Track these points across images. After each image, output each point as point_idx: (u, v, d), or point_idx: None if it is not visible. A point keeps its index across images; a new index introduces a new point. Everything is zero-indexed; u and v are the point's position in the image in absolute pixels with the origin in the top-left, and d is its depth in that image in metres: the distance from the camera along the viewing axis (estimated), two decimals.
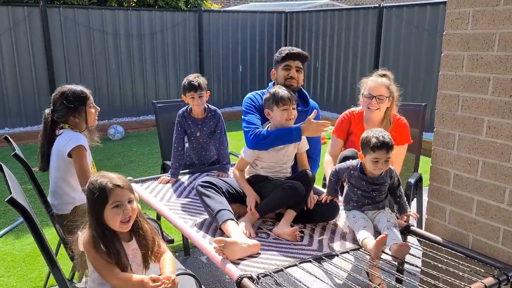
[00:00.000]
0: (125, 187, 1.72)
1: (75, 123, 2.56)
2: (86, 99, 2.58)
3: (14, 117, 6.91)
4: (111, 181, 1.69)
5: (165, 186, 2.90)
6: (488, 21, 1.91)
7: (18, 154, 2.32)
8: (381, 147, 2.07)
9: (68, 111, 2.52)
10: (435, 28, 6.44)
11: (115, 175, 1.75)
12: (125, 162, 5.66)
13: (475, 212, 2.07)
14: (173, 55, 8.09)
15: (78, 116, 2.55)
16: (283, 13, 9.15)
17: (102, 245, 1.67)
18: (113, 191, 1.67)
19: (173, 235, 3.29)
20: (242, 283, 1.73)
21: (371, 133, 2.14)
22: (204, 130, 3.14)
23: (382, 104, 2.71)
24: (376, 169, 2.13)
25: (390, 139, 2.11)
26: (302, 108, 2.69)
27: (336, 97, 8.24)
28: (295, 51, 2.64)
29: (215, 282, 2.95)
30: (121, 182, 1.71)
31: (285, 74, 2.63)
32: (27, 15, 6.74)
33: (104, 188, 1.67)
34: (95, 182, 1.69)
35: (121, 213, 1.69)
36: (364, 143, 2.15)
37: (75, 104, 2.53)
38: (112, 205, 1.68)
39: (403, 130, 2.77)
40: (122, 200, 1.69)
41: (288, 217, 2.25)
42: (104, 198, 1.67)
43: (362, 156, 2.17)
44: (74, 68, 7.25)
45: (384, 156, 2.09)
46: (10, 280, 2.94)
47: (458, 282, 1.78)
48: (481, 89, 1.98)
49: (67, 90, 2.53)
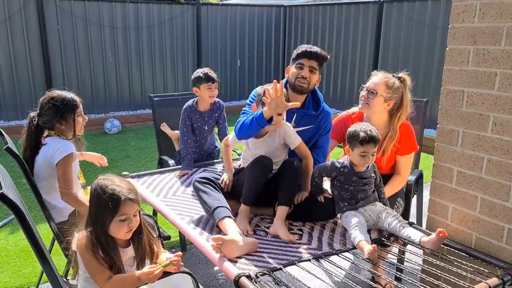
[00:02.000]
0: (136, 200, 1.67)
1: (61, 130, 2.45)
2: (76, 107, 2.46)
3: (9, 110, 6.83)
4: (124, 193, 1.63)
5: (161, 181, 2.85)
6: (495, 14, 1.86)
7: (11, 147, 2.26)
8: (369, 141, 2.10)
9: (55, 117, 2.41)
10: (435, 23, 6.38)
11: (125, 182, 1.70)
12: (122, 157, 5.60)
13: (478, 211, 2.02)
14: (171, 49, 8.01)
15: (65, 124, 2.44)
16: (282, 6, 9.07)
17: (100, 251, 1.63)
18: (125, 204, 1.62)
19: (169, 231, 3.25)
20: (240, 282, 1.68)
21: (358, 127, 2.15)
22: (210, 123, 3.25)
23: (373, 100, 2.46)
24: (364, 163, 2.14)
25: (377, 133, 2.14)
26: (311, 112, 2.55)
27: (335, 92, 8.19)
28: (312, 50, 2.47)
29: (212, 279, 2.91)
30: (133, 195, 1.66)
31: (296, 73, 2.47)
32: (22, 6, 6.64)
33: (117, 199, 1.61)
34: (106, 188, 1.62)
35: (125, 226, 1.65)
36: (351, 136, 2.15)
37: (64, 110, 2.42)
38: (119, 217, 1.63)
39: (409, 137, 2.58)
40: (130, 214, 1.65)
41: (280, 214, 2.16)
42: (114, 210, 1.62)
43: (349, 149, 2.17)
44: (70, 61, 7.16)
45: (371, 150, 2.12)
46: (3, 276, 2.89)
47: (461, 282, 1.74)
48: (487, 84, 1.93)
49: (56, 96, 2.42)
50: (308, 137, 2.54)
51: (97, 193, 1.64)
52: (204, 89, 3.12)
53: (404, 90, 2.53)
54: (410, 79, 2.58)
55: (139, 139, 6.53)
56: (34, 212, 3.62)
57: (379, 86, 2.48)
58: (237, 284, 1.69)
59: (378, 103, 2.49)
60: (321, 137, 2.58)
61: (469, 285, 1.68)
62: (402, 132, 2.57)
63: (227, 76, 8.76)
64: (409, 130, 2.61)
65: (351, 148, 2.16)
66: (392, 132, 2.53)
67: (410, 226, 2.06)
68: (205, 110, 3.22)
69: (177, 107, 3.62)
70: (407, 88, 2.54)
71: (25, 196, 3.74)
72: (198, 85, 3.13)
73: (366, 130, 2.12)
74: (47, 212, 2.33)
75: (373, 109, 2.52)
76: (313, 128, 2.55)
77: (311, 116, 2.54)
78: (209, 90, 3.12)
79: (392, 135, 2.53)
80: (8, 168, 2.21)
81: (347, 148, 2.19)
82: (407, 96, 2.54)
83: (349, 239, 2.10)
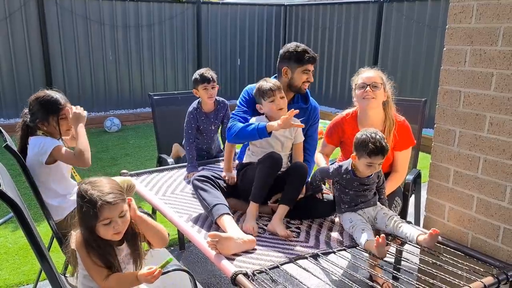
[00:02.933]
0: (116, 202, 1.59)
1: (45, 132, 2.43)
2: (59, 109, 2.42)
3: (9, 108, 6.84)
4: (101, 197, 1.57)
5: (160, 179, 2.86)
6: (492, 15, 1.87)
7: (10, 145, 2.27)
8: (377, 153, 2.04)
9: (37, 117, 2.39)
10: (435, 23, 6.38)
11: (107, 183, 1.64)
12: (121, 155, 5.61)
13: (475, 210, 2.03)
14: (171, 47, 8.01)
15: (47, 125, 2.42)
16: (282, 6, 9.07)
17: (94, 250, 1.62)
18: (103, 209, 1.57)
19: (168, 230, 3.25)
20: (237, 279, 1.70)
21: (368, 136, 2.07)
22: (216, 123, 3.25)
23: (377, 92, 2.52)
24: (369, 172, 2.11)
25: (386, 143, 2.08)
26: (302, 106, 2.63)
27: (335, 92, 8.19)
28: (313, 54, 2.56)
29: (210, 277, 2.92)
30: (111, 197, 1.59)
31: (304, 78, 2.57)
32: (23, 4, 6.64)
33: (94, 204, 1.56)
34: (85, 193, 1.59)
35: (111, 229, 1.60)
36: (360, 145, 2.08)
37: (46, 112, 2.40)
38: (102, 222, 1.59)
39: (406, 132, 2.62)
40: (112, 217, 1.59)
41: (280, 213, 2.19)
42: (94, 215, 1.57)
43: (355, 157, 2.11)
44: (70, 59, 7.17)
45: (379, 161, 2.08)
46: (2, 273, 2.90)
47: (457, 281, 1.75)
48: (483, 84, 1.94)
49: (43, 95, 2.41)
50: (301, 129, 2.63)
51: (78, 198, 1.62)
52: (201, 90, 3.11)
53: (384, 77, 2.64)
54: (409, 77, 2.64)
55: (139, 137, 6.54)
56: (34, 210, 3.63)
57: (377, 79, 2.56)
58: (234, 282, 1.71)
59: (381, 94, 2.56)
60: (310, 127, 2.67)
61: (465, 284, 1.69)
62: (399, 128, 2.59)
63: (227, 75, 8.77)
64: (405, 126, 2.64)
65: (358, 157, 2.10)
66: (389, 121, 2.58)
67: (407, 224, 2.06)
68: (210, 111, 3.20)
69: (176, 105, 3.63)
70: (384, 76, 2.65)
71: (24, 194, 3.75)
72: (196, 86, 3.12)
73: (375, 141, 2.04)
74: (46, 210, 2.35)
75: (379, 101, 2.57)
76: (304, 120, 2.62)
77: (302, 109, 2.60)
78: (205, 91, 3.10)
79: (389, 124, 2.57)
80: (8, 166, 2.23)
81: (353, 155, 2.13)
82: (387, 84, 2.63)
83: (346, 238, 2.11)
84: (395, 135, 2.57)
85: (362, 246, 1.97)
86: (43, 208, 2.33)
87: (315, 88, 8.42)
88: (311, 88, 8.44)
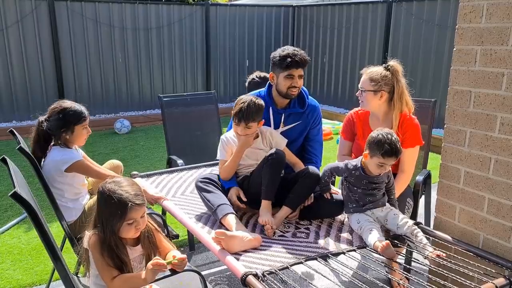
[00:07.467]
0: (142, 204, 1.71)
1: (65, 139, 2.52)
2: (83, 120, 2.55)
3: (21, 110, 6.93)
4: (130, 199, 1.66)
5: (170, 181, 2.88)
6: (503, 14, 1.86)
7: (23, 147, 2.30)
8: (391, 155, 2.04)
9: (62, 126, 2.48)
10: (445, 22, 6.33)
11: (131, 184, 1.73)
12: (131, 156, 5.66)
13: (486, 211, 2.02)
14: (180, 49, 8.05)
15: (70, 134, 2.51)
16: (290, 7, 9.07)
17: (109, 253, 1.67)
18: (132, 210, 1.66)
19: (178, 230, 3.28)
20: (247, 280, 1.71)
21: (383, 136, 2.05)
22: None
23: (364, 97, 2.51)
24: (379, 172, 2.11)
25: (400, 146, 2.08)
26: (299, 110, 2.60)
27: (344, 92, 8.17)
28: (298, 58, 2.42)
29: (220, 277, 2.94)
30: (140, 199, 1.70)
31: (288, 84, 2.46)
32: (34, 8, 6.73)
33: (124, 204, 1.65)
34: (114, 194, 1.66)
35: (133, 228, 1.70)
36: (374, 144, 2.06)
37: (71, 121, 2.50)
38: (127, 221, 1.68)
39: (414, 131, 2.56)
40: (137, 218, 1.69)
41: (282, 213, 2.21)
42: (122, 215, 1.65)
43: (367, 155, 2.10)
44: (81, 62, 7.25)
45: (391, 162, 2.08)
46: (15, 273, 2.94)
47: (468, 282, 1.74)
48: (494, 84, 1.93)
49: (67, 106, 2.51)
50: (298, 132, 2.62)
51: (105, 198, 1.67)
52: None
53: (395, 77, 2.55)
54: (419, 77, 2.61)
55: (149, 139, 6.58)
56: (46, 211, 3.68)
57: (364, 83, 2.56)
58: (244, 283, 1.71)
59: (370, 98, 2.54)
60: (312, 130, 2.65)
61: (476, 285, 1.68)
62: (407, 124, 2.55)
63: (235, 76, 8.78)
64: (414, 123, 2.58)
65: (370, 156, 2.09)
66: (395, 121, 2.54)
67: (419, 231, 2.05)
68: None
69: (186, 107, 3.65)
70: (398, 74, 2.56)
71: (36, 195, 3.80)
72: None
73: (391, 142, 2.03)
74: (59, 211, 2.38)
75: (369, 105, 2.57)
76: (301, 124, 2.62)
77: (298, 114, 2.58)
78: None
79: (396, 124, 2.54)
80: (21, 167, 2.26)
81: (365, 153, 2.12)
82: (401, 82, 2.56)
83: (356, 238, 2.11)
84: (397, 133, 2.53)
85: (371, 246, 1.97)
86: (56, 209, 2.36)
87: (323, 89, 8.42)
88: (319, 88, 8.47)
